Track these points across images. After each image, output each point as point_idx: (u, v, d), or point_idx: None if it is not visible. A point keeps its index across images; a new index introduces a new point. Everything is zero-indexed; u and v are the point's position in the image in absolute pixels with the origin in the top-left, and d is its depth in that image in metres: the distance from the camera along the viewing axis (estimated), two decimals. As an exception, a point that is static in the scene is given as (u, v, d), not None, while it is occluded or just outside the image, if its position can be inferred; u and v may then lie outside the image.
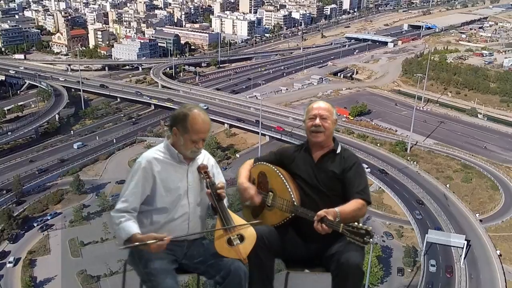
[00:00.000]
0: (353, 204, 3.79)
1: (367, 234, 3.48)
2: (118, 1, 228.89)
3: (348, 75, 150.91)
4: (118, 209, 3.72)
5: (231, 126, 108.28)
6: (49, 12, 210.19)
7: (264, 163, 4.24)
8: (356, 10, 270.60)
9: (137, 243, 3.53)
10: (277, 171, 4.10)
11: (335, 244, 3.81)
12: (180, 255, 3.87)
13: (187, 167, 3.90)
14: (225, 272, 3.73)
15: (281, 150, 4.32)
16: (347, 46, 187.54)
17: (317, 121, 3.95)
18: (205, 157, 4.04)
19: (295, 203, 3.94)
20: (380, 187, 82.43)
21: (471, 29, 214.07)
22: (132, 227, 3.63)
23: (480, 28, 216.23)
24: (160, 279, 3.55)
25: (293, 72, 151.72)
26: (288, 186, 4.00)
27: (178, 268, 3.84)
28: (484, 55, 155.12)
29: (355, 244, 3.60)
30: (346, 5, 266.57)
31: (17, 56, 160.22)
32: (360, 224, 3.53)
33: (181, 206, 3.86)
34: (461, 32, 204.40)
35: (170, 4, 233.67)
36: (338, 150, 4.06)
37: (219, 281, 3.77)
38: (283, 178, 4.05)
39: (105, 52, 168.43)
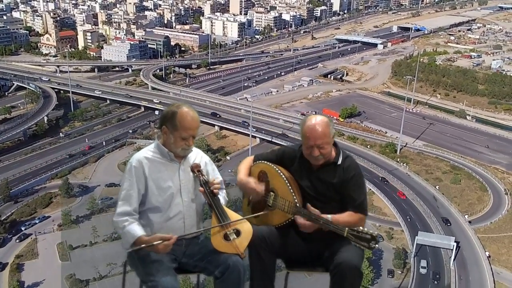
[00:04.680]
0: (349, 217, 3.83)
1: (372, 239, 3.49)
2: (108, 2, 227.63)
3: (338, 76, 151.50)
4: (119, 213, 3.75)
5: (221, 128, 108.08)
6: (37, 13, 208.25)
7: (265, 162, 4.19)
8: (346, 11, 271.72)
9: (144, 245, 3.57)
10: (279, 171, 4.05)
11: (334, 244, 3.83)
12: (179, 254, 3.89)
13: (178, 165, 3.92)
14: (224, 267, 3.77)
15: (283, 151, 4.27)
16: (337, 47, 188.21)
17: (315, 153, 3.85)
18: (197, 156, 4.06)
19: (297, 204, 3.92)
20: (370, 189, 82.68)
21: (459, 31, 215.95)
22: (136, 229, 3.68)
23: (468, 30, 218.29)
24: (159, 278, 3.57)
25: (283, 74, 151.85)
26: (290, 188, 3.97)
27: (178, 268, 3.88)
28: (473, 57, 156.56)
29: (354, 245, 3.65)
30: (336, 6, 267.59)
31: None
32: (366, 229, 3.53)
33: (175, 205, 3.88)
34: (450, 34, 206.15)
35: (160, 5, 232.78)
36: (339, 162, 3.98)
37: (218, 276, 3.81)
38: (285, 179, 4.01)
39: (94, 54, 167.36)
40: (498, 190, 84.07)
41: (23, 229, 72.05)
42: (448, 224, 74.70)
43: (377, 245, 3.49)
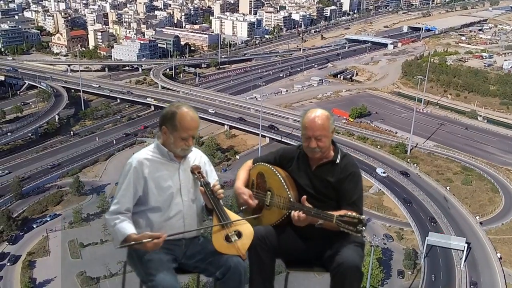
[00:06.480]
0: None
1: (359, 223, 3.51)
2: (118, 2, 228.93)
3: (348, 76, 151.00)
4: (112, 211, 3.76)
5: (231, 127, 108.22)
6: (48, 13, 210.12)
7: (263, 163, 4.24)
8: (355, 11, 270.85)
9: (133, 243, 3.56)
10: (275, 170, 4.11)
11: (334, 244, 3.84)
12: (179, 254, 3.89)
13: (178, 165, 3.93)
14: (225, 268, 3.75)
15: (281, 152, 4.29)
16: (346, 47, 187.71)
17: (313, 144, 3.88)
18: (197, 156, 4.07)
19: (291, 199, 3.94)
20: (380, 189, 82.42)
21: (470, 31, 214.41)
22: (127, 227, 3.67)
23: (479, 30, 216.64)
24: (159, 278, 3.56)
25: (291, 73, 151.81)
26: (284, 184, 4.01)
27: (178, 268, 3.86)
28: (484, 57, 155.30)
29: (354, 245, 3.75)
30: (346, 6, 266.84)
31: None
32: (353, 214, 3.55)
33: (175, 205, 3.88)
34: (461, 34, 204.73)
35: (170, 5, 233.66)
36: (338, 161, 4.00)
37: (219, 277, 3.79)
38: (279, 176, 4.06)
39: (105, 53, 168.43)
40: (510, 191, 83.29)
41: (34, 226, 72.77)
42: (408, 175, 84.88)
43: (364, 228, 3.49)
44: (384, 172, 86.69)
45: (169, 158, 3.89)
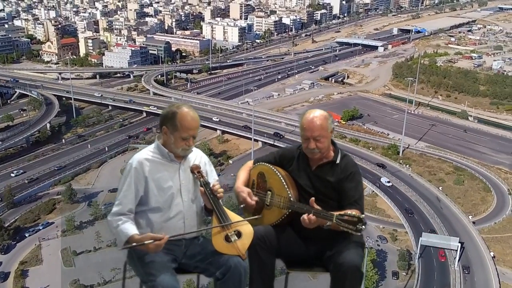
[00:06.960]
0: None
1: (359, 221, 3.52)
2: (109, 9, 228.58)
3: (339, 79, 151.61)
4: (114, 213, 3.76)
5: (223, 132, 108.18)
6: (39, 21, 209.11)
7: (263, 163, 4.26)
8: (346, 15, 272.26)
9: (135, 244, 3.55)
10: (275, 170, 4.13)
11: (334, 244, 3.84)
12: (179, 254, 3.89)
13: (178, 165, 3.93)
14: (225, 268, 3.76)
15: (281, 153, 4.31)
16: (337, 50, 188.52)
17: (312, 145, 3.90)
18: (197, 156, 4.07)
19: (291, 198, 3.95)
20: (373, 191, 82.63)
21: (460, 32, 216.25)
22: (129, 228, 3.66)
23: (468, 31, 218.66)
24: (159, 278, 3.56)
25: (286, 77, 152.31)
26: (284, 183, 4.02)
27: (179, 268, 3.86)
28: (473, 58, 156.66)
29: (354, 245, 3.77)
30: (336, 10, 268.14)
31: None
32: (353, 213, 3.56)
33: (175, 205, 3.88)
34: (450, 36, 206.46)
35: (160, 11, 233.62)
36: (338, 161, 4.01)
37: (219, 277, 3.79)
38: (280, 176, 4.07)
39: (96, 60, 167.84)
40: (502, 190, 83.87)
41: (27, 235, 72.16)
42: (384, 167, 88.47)
43: (364, 227, 3.51)
44: (388, 182, 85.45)
45: (170, 159, 3.88)
